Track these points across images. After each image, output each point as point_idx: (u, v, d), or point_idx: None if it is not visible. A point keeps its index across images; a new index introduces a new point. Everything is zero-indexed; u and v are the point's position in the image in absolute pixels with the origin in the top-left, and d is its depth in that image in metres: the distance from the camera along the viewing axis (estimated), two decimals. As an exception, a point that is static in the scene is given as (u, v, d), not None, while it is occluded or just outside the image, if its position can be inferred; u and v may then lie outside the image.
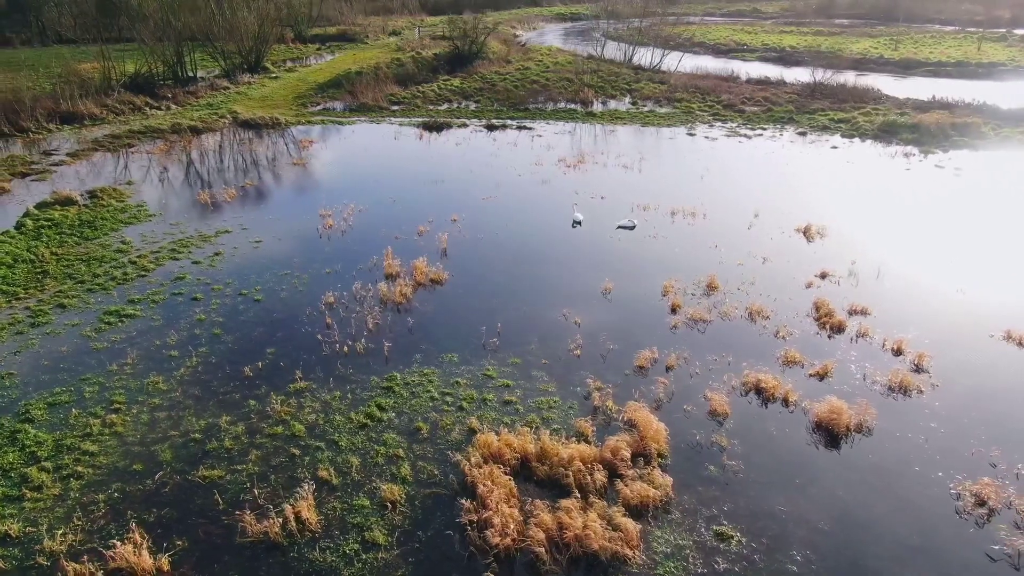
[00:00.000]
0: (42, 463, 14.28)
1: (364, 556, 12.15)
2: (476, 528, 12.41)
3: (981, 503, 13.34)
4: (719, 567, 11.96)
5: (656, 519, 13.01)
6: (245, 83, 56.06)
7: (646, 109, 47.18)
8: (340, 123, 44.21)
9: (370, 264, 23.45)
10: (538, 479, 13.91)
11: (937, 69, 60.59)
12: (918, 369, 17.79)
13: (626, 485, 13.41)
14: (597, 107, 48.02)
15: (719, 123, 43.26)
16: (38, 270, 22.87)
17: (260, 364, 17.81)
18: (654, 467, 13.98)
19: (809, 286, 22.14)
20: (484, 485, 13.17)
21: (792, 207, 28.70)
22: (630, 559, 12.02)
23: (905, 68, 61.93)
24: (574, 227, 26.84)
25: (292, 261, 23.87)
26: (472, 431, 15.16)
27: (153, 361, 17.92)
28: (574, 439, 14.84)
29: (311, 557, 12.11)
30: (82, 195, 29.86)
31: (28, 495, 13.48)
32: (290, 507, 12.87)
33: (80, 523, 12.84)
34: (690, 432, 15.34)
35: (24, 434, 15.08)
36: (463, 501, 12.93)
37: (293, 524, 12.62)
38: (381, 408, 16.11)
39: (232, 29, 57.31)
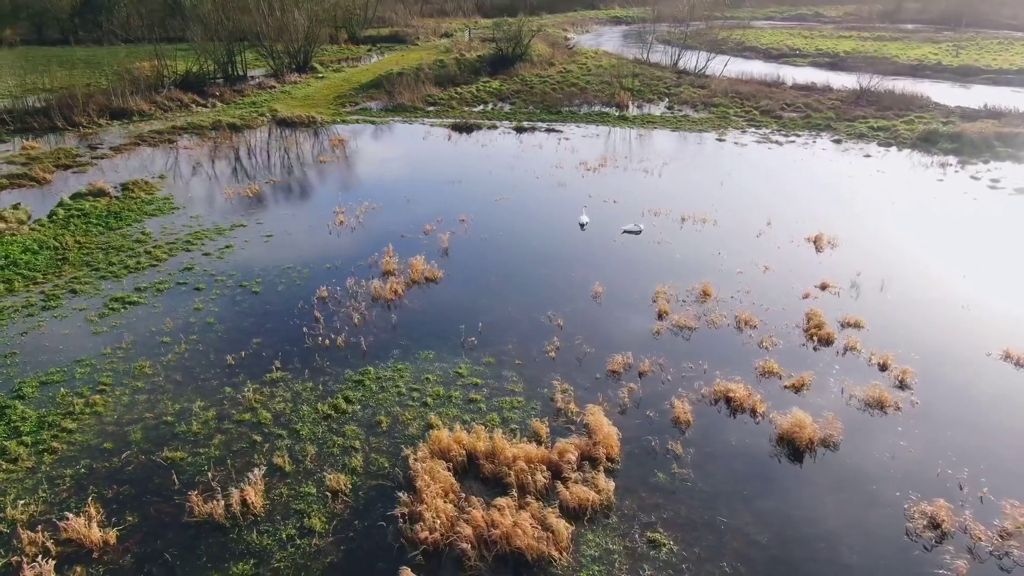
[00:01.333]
0: (22, 437, 15.14)
1: (299, 541, 12.54)
2: (407, 521, 12.64)
3: (934, 525, 12.92)
4: (643, 574, 11.91)
5: (592, 522, 13.03)
6: (292, 82, 57.66)
7: (681, 114, 46.66)
8: (373, 122, 45.09)
9: (370, 261, 23.94)
10: (484, 477, 14.07)
11: (997, 77, 58.12)
12: (902, 385, 17.27)
13: (567, 487, 13.45)
14: (632, 111, 47.70)
15: (753, 129, 42.49)
16: (59, 257, 24.12)
17: (243, 353, 18.43)
18: (599, 471, 13.96)
19: (806, 297, 21.67)
20: (423, 480, 13.40)
21: (808, 216, 28.07)
22: (556, 560, 12.09)
23: (963, 75, 59.58)
24: (584, 229, 26.76)
25: (297, 256, 24.56)
26: (430, 427, 15.39)
27: (145, 347, 18.76)
28: (526, 439, 14.92)
29: (248, 539, 12.56)
30: (115, 187, 31.30)
31: (3, 466, 14.34)
32: (238, 491, 13.33)
33: (44, 495, 13.59)
34: (647, 438, 15.27)
35: (12, 410, 16.00)
36: (401, 494, 13.18)
37: (238, 507, 13.07)
38: (348, 400, 16.51)
39: (281, 30, 58.98)
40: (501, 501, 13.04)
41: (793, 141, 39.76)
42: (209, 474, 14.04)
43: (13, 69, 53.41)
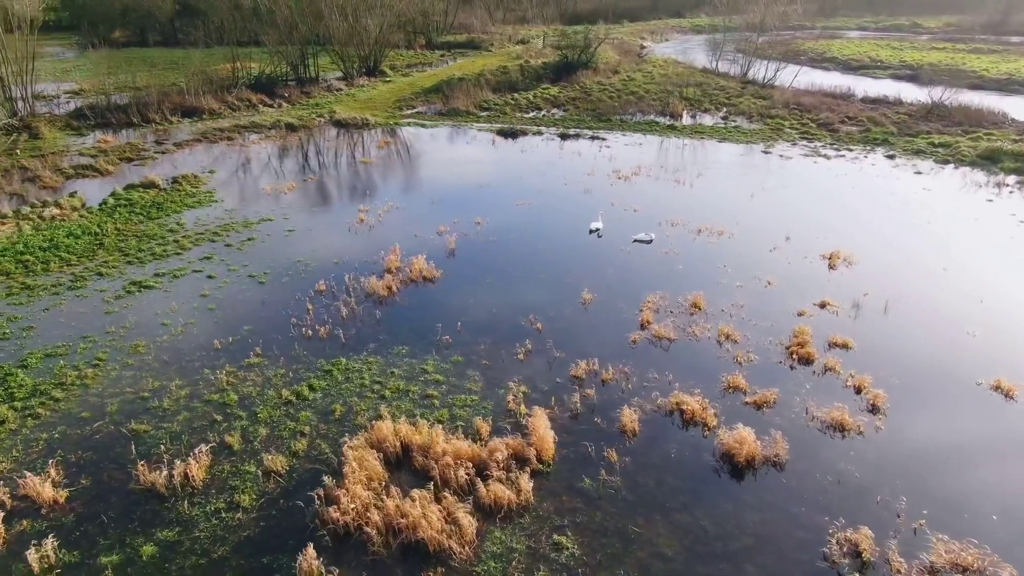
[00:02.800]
0: (14, 403, 16.62)
1: (224, 515, 13.35)
2: (324, 503, 13.24)
3: (854, 554, 12.53)
4: (538, 574, 12.10)
5: (505, 520, 13.28)
6: (359, 86, 59.73)
7: (733, 125, 45.75)
8: (423, 126, 46.28)
9: (377, 258, 24.77)
10: (415, 469, 14.54)
11: (1095, 94, 54.09)
12: (873, 409, 16.69)
13: (487, 485, 13.74)
14: (685, 121, 47.11)
15: (804, 142, 41.24)
16: (97, 242, 26.08)
17: (231, 339, 19.54)
18: (524, 472, 14.18)
19: (801, 314, 21.10)
20: (350, 466, 13.98)
21: (832, 232, 27.19)
22: (456, 554, 12.42)
23: (1057, 91, 55.76)
24: (600, 236, 26.77)
25: (310, 250, 25.69)
26: (379, 418, 15.96)
27: (145, 327, 20.15)
28: (464, 436, 15.27)
29: (180, 509, 13.47)
30: (165, 180, 33.45)
31: (-8, 427, 15.79)
32: (183, 464, 14.27)
33: (17, 454, 14.94)
34: (586, 444, 15.33)
35: (13, 377, 17.58)
36: (326, 478, 13.80)
37: (179, 479, 14.00)
38: (312, 388, 17.30)
39: (353, 34, 61.19)
40: (417, 493, 13.44)
41: (843, 155, 38.39)
42: (162, 447, 15.02)
43: (109, 68, 57.52)
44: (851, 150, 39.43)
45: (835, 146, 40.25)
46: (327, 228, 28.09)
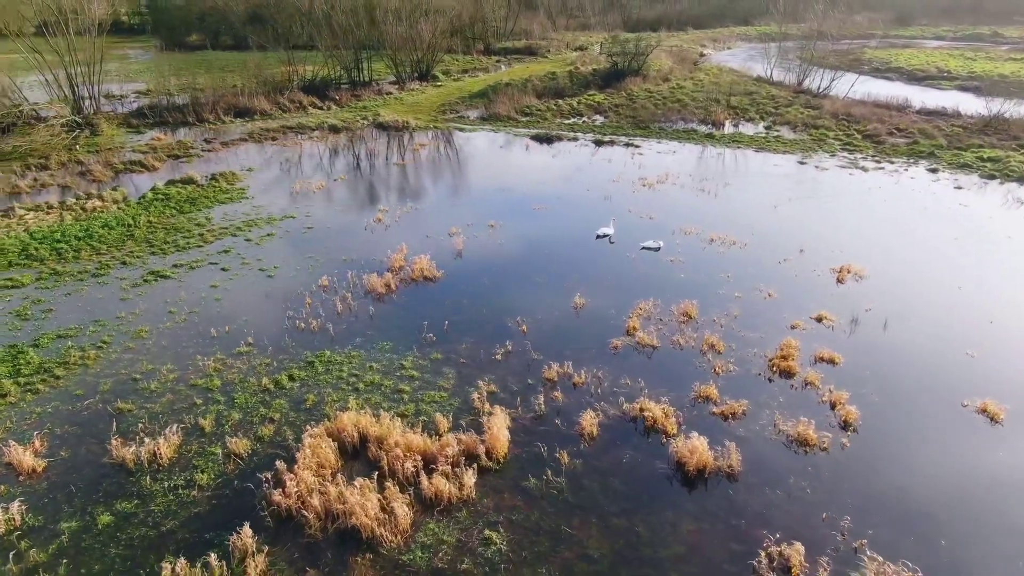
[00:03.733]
0: (19, 378, 17.89)
1: (181, 491, 14.14)
2: (271, 486, 13.87)
3: (784, 568, 12.39)
4: (461, 566, 12.41)
5: (443, 514, 13.64)
6: (410, 90, 61.02)
7: (774, 134, 44.86)
8: (462, 130, 47.02)
9: (384, 257, 25.40)
10: (368, 459, 15.04)
11: None
12: (844, 426, 16.35)
13: (430, 479, 14.11)
14: (726, 130, 46.45)
15: (845, 153, 40.14)
16: (128, 233, 27.63)
17: (228, 328, 20.50)
18: (470, 469, 14.48)
19: (794, 327, 20.72)
20: (303, 453, 14.58)
21: (849, 246, 26.50)
22: (387, 541, 12.84)
23: None
24: (612, 242, 26.75)
25: (323, 247, 26.59)
26: (346, 409, 16.52)
27: (152, 314, 21.32)
28: (421, 431, 15.68)
29: (142, 483, 14.32)
30: (204, 177, 35.05)
31: (-6, 399, 17.06)
32: (153, 442, 15.14)
33: (11, 425, 16.12)
34: (540, 445, 15.53)
35: (24, 355, 18.91)
36: (279, 463, 14.43)
37: (147, 456, 14.87)
38: (291, 378, 18.03)
39: (406, 40, 62.58)
40: (360, 481, 13.92)
41: (882, 168, 37.21)
42: (140, 425, 15.95)
43: (176, 70, 60.52)
44: (892, 162, 38.18)
45: (876, 158, 39.04)
46: (344, 226, 28.97)
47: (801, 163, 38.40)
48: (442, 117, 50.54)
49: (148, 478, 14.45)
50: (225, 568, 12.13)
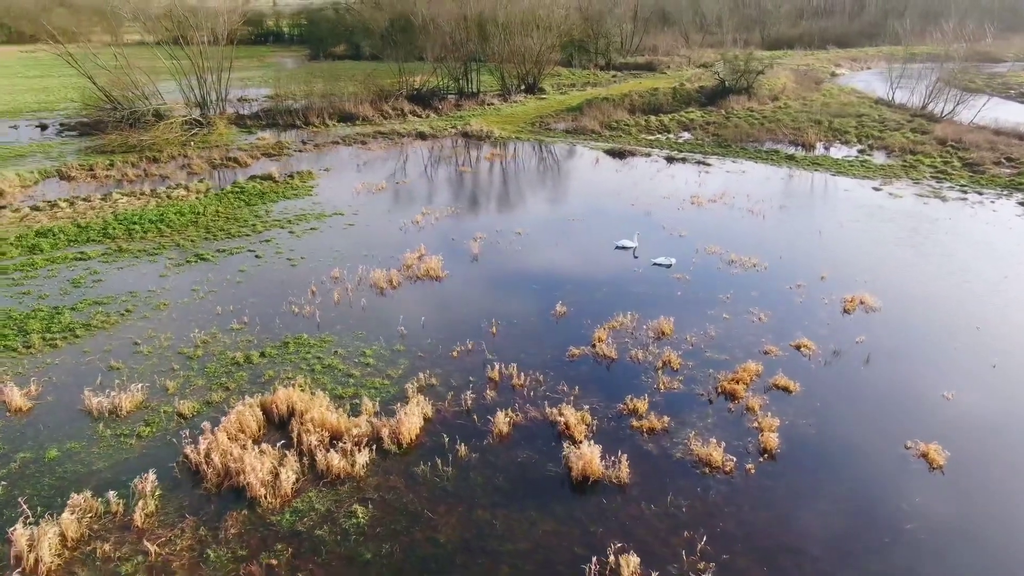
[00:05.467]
0: (47, 334, 20.92)
1: (122, 439, 16.24)
2: (191, 443, 15.63)
3: (616, 577, 12.57)
4: (317, 531, 13.55)
5: (328, 486, 14.84)
6: (513, 101, 62.89)
7: (864, 158, 42.52)
8: (541, 141, 48.09)
9: (403, 255, 26.95)
10: (289, 431, 16.48)
11: None
12: (762, 453, 15.98)
13: (325, 453, 15.35)
14: (817, 152, 44.55)
15: (931, 182, 37.46)
16: (193, 220, 30.99)
17: (231, 307, 22.78)
18: (367, 449, 15.57)
19: (766, 353, 20.18)
20: (228, 418, 16.27)
21: (877, 276, 25.13)
22: (265, 502, 14.21)
23: None
24: (636, 256, 26.90)
25: (354, 243, 28.60)
26: (291, 385, 18.12)
27: (177, 291, 24.03)
28: (351, 412, 16.95)
29: (94, 429, 16.57)
30: (283, 174, 38.33)
31: (20, 349, 20.11)
32: (118, 396, 17.39)
33: (22, 370, 19.00)
34: (451, 438, 16.33)
35: (60, 316, 22.03)
36: (205, 424, 16.19)
37: (108, 408, 17.12)
38: (263, 355, 19.91)
39: (513, 53, 64.56)
40: (265, 446, 15.38)
41: (965, 199, 34.47)
42: (116, 382, 18.29)
43: (308, 77, 65.74)
44: (980, 193, 35.24)
45: (965, 188, 36.17)
46: (383, 225, 30.88)
47: (875, 189, 36.31)
48: (529, 128, 51.83)
49: (102, 425, 16.65)
50: (120, 505, 13.89)
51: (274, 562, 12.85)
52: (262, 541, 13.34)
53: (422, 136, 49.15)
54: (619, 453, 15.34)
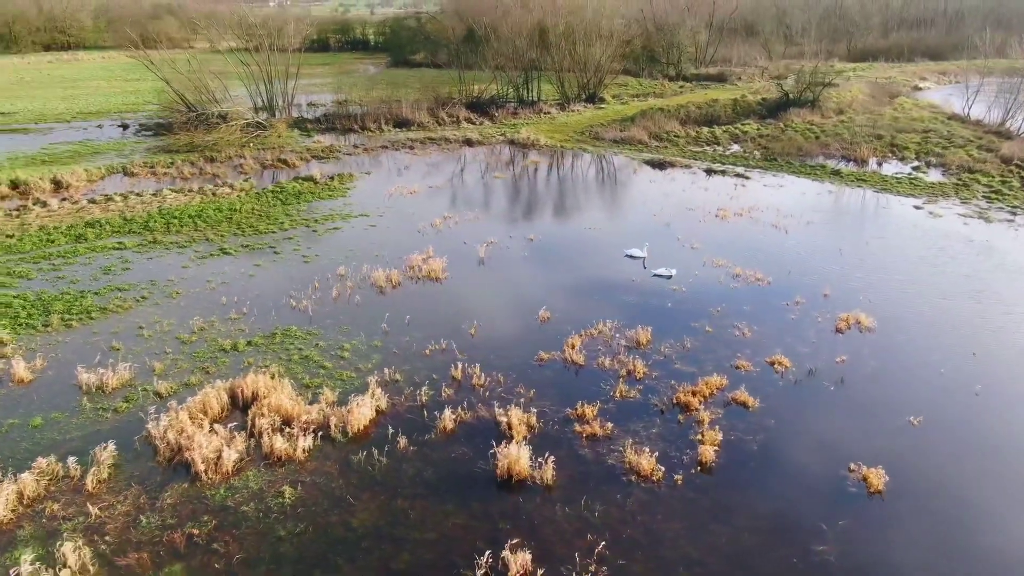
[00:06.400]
0: (66, 315, 22.84)
1: (100, 412, 17.68)
2: (155, 421, 16.90)
3: (500, 573, 12.96)
4: (243, 508, 14.50)
5: (269, 467, 15.80)
6: (571, 111, 63.28)
7: (915, 175, 40.79)
8: (584, 150, 48.33)
9: (411, 256, 27.86)
10: (248, 414, 17.57)
11: None
12: (699, 466, 15.98)
13: (271, 437, 16.31)
14: (870, 167, 43.05)
15: (982, 202, 35.60)
16: (228, 217, 32.91)
17: (235, 299, 24.22)
18: (310, 436, 16.45)
19: (737, 368, 19.99)
20: (193, 399, 17.48)
21: (885, 297, 24.35)
22: (205, 478, 15.28)
23: None
24: (645, 266, 26.94)
25: (369, 243, 29.76)
26: (264, 373, 19.25)
27: (191, 282, 25.70)
28: (311, 401, 17.91)
29: (80, 401, 18.10)
30: (324, 176, 40.08)
31: (40, 328, 22.07)
32: (105, 373, 18.93)
33: (35, 346, 20.87)
34: (396, 431, 17.01)
35: (83, 299, 24.00)
36: (172, 403, 17.46)
37: (96, 384, 18.66)
38: (249, 344, 21.18)
39: (575, 62, 64.98)
40: (217, 427, 16.49)
41: (1012, 220, 32.65)
42: (110, 362, 19.85)
43: (372, 84, 68.15)
44: (1032, 215, 33.33)
45: (1016, 209, 34.25)
46: (403, 228, 31.94)
47: (917, 207, 34.86)
48: (577, 138, 52.12)
49: (87, 399, 18.17)
50: (78, 471, 15.23)
51: (196, 532, 13.82)
52: (192, 512, 14.36)
53: (469, 143, 50.20)
54: (546, 455, 15.58)
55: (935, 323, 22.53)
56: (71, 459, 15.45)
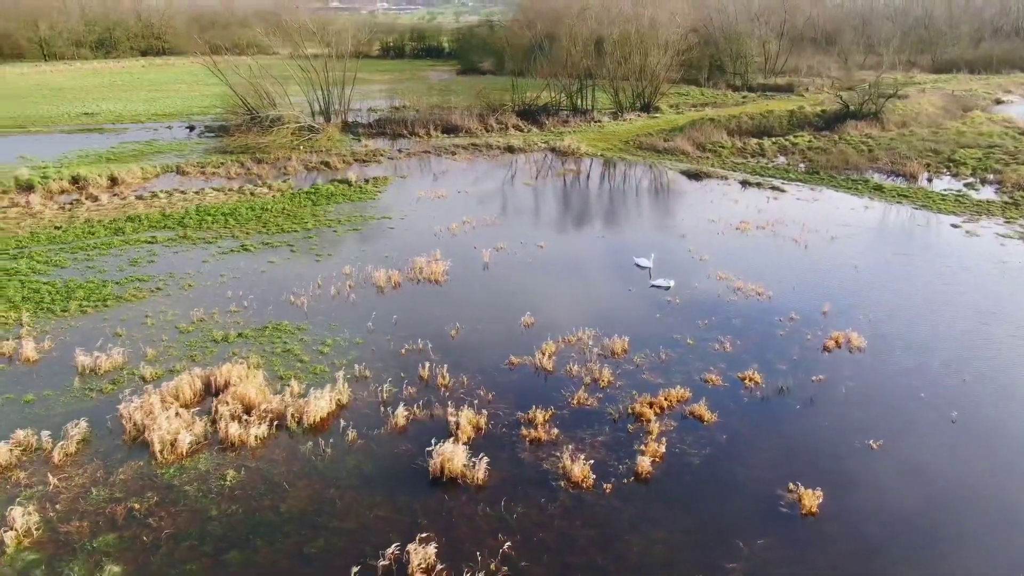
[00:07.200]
0: (84, 302, 24.54)
1: (87, 392, 19.03)
2: (128, 403, 18.11)
3: (402, 564, 13.39)
4: (187, 487, 15.42)
5: (222, 452, 16.72)
6: (623, 119, 63.10)
7: (964, 193, 38.93)
8: (624, 159, 48.16)
9: (416, 258, 28.58)
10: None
11: None
12: (635, 476, 16.01)
13: (226, 424, 17.22)
14: (921, 183, 41.34)
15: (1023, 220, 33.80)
16: (257, 216, 34.51)
17: (240, 293, 25.45)
18: (264, 424, 17.28)
19: (705, 381, 19.80)
20: (166, 385, 18.62)
21: (884, 316, 23.56)
22: (161, 457, 16.32)
23: None
24: (651, 276, 26.80)
25: (383, 245, 30.70)
26: (242, 363, 20.27)
27: (206, 275, 27.15)
28: (276, 391, 18.81)
29: (72, 381, 19.48)
30: (360, 179, 41.43)
31: (58, 312, 23.82)
32: (100, 357, 20.35)
33: (47, 330, 22.54)
34: (349, 424, 17.66)
35: (102, 288, 25.72)
36: (148, 387, 18.66)
37: (90, 367, 20.07)
38: (240, 335, 22.30)
39: (629, 72, 64.76)
40: (182, 411, 17.54)
41: (1054, 242, 30.87)
42: (109, 346, 21.27)
43: (427, 91, 69.67)
44: (1079, 238, 31.35)
45: (1064, 231, 32.31)
46: (420, 230, 32.74)
47: (953, 226, 33.32)
48: (621, 147, 51.96)
49: (78, 379, 19.58)
50: (51, 444, 16.50)
51: (137, 506, 14.79)
52: (140, 488, 15.36)
53: (511, 149, 50.78)
54: (480, 456, 15.90)
55: (930, 346, 21.62)
56: (45, 433, 16.68)
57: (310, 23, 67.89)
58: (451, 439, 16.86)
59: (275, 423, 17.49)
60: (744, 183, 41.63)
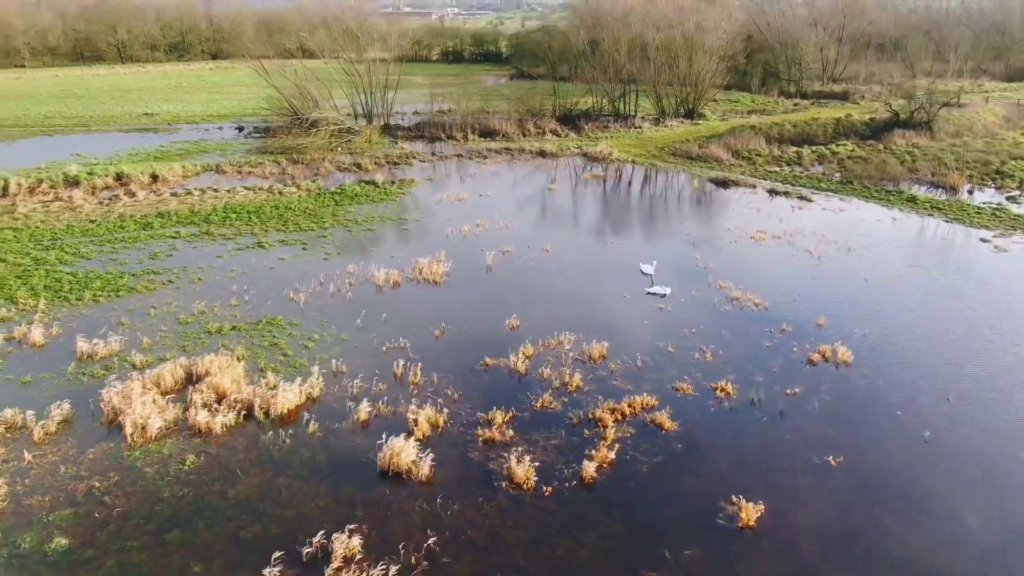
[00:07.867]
0: (99, 292, 25.90)
1: (80, 376, 20.13)
2: (110, 387, 19.11)
3: (326, 553, 13.82)
4: (148, 469, 16.24)
5: (189, 437, 17.50)
6: (664, 125, 62.57)
7: (1002, 206, 37.25)
8: (655, 165, 47.79)
9: (419, 259, 29.09)
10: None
11: None
12: (579, 480, 16.08)
13: (197, 410, 18.01)
14: (961, 195, 39.79)
15: (1067, 237, 32.14)
16: (280, 214, 35.69)
17: (244, 288, 26.42)
18: (231, 413, 18.00)
19: (676, 390, 19.65)
20: (148, 373, 19.58)
21: (881, 330, 22.86)
22: (132, 439, 17.20)
23: None
24: (653, 283, 26.56)
25: (392, 245, 31.39)
26: (225, 353, 21.13)
27: (216, 270, 28.27)
28: (251, 381, 19.56)
29: (68, 366, 20.65)
30: (386, 181, 42.33)
31: (72, 300, 25.23)
32: (98, 343, 21.51)
33: (60, 316, 23.91)
34: (313, 416, 18.25)
35: (119, 279, 27.08)
36: (133, 374, 19.65)
37: (89, 352, 21.26)
38: (233, 328, 23.21)
39: (673, 77, 64.15)
40: (159, 398, 18.43)
41: (1090, 260, 29.29)
42: (110, 332, 22.46)
43: (469, 95, 70.41)
44: (1118, 256, 29.66)
45: (1103, 248, 30.62)
46: (432, 232, 33.31)
47: (983, 240, 31.97)
48: (655, 153, 51.54)
49: (74, 364, 20.74)
50: (33, 423, 17.57)
51: (97, 484, 15.65)
52: (104, 468, 16.23)
53: (543, 154, 50.97)
54: (426, 453, 16.20)
55: (921, 362, 20.90)
56: (30, 412, 17.76)
57: (372, 28, 69.74)
58: (403, 435, 17.17)
59: (243, 413, 18.11)
60: (772, 192, 40.77)
